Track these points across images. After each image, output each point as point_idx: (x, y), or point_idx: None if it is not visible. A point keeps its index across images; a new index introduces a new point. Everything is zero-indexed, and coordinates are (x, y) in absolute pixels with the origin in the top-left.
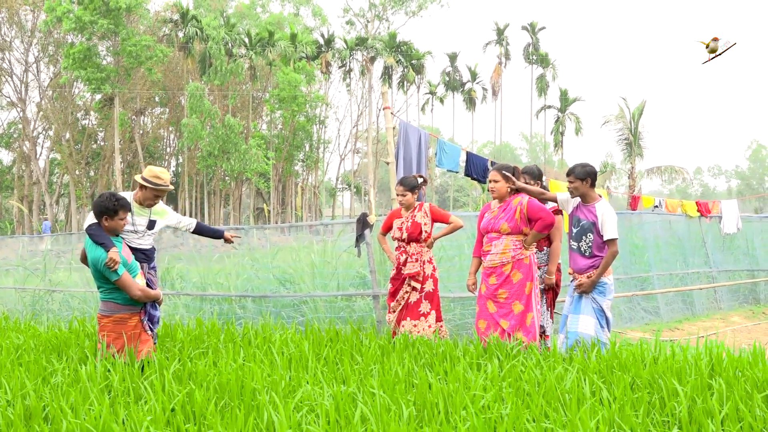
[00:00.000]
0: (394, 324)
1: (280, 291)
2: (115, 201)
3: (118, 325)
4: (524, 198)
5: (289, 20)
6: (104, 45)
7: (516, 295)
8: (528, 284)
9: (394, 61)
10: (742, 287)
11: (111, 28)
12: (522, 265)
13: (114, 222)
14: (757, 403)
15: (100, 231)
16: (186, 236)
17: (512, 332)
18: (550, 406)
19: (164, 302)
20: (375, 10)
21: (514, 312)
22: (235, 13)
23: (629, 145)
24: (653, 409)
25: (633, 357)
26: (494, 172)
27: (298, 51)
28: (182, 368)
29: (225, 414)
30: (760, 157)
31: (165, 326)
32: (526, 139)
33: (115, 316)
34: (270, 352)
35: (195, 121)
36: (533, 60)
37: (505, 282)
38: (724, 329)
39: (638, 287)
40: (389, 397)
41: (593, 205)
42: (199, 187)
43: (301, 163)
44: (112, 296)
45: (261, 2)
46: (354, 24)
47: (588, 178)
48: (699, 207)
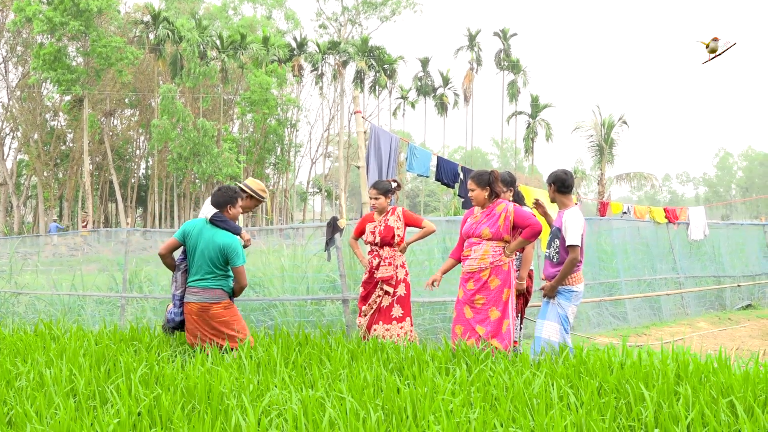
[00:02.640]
0: (365, 329)
1: (249, 295)
2: (233, 191)
3: (230, 309)
4: (510, 205)
5: (262, 23)
6: (74, 46)
7: (493, 301)
8: (506, 291)
9: (366, 66)
10: (708, 293)
11: (81, 29)
12: (500, 272)
13: (236, 209)
14: (723, 408)
15: (224, 218)
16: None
17: (488, 338)
18: (518, 411)
19: (131, 305)
20: (348, 14)
21: (490, 318)
22: (206, 15)
23: (600, 152)
24: (620, 414)
25: (600, 362)
26: (470, 181)
27: (270, 54)
28: (149, 372)
29: (192, 418)
30: (727, 165)
31: (132, 329)
32: (497, 144)
33: (223, 302)
34: (238, 356)
35: (165, 122)
36: (504, 66)
37: (482, 288)
38: (690, 335)
39: (606, 293)
40: (357, 401)
41: (563, 211)
42: (168, 190)
43: (272, 167)
44: (220, 283)
45: (233, 5)
46: (327, 28)
47: (553, 183)
48: (667, 213)
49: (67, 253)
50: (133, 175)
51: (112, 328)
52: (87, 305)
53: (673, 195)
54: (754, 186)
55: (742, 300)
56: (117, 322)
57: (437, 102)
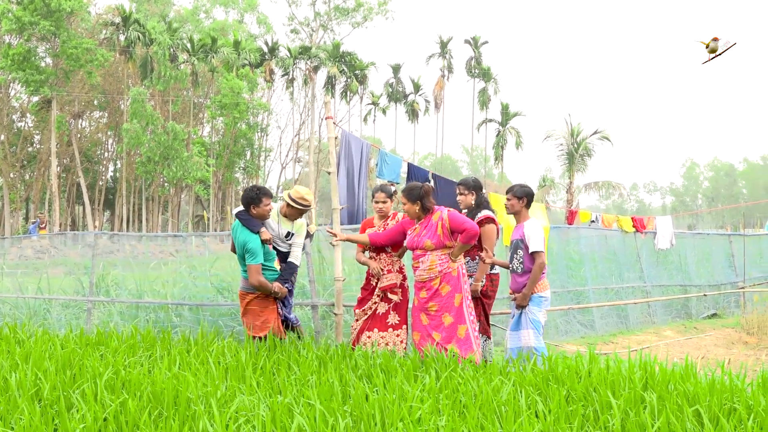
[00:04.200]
0: (355, 334)
1: (217, 299)
2: (257, 190)
3: (262, 301)
4: (444, 211)
5: (234, 27)
6: (44, 46)
7: (445, 307)
8: (457, 296)
9: (337, 71)
10: (674, 302)
11: (52, 29)
12: (450, 278)
13: (260, 208)
14: (688, 416)
15: (248, 217)
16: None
17: (445, 344)
18: (486, 419)
19: (98, 309)
20: (320, 19)
21: (444, 324)
22: (177, 18)
23: (570, 161)
24: (587, 422)
25: (568, 370)
26: (401, 195)
27: (241, 58)
28: (116, 377)
29: (159, 424)
30: (693, 174)
31: (98, 333)
32: (467, 151)
33: (257, 293)
34: (206, 362)
35: (136, 126)
36: (475, 73)
37: (434, 295)
38: (657, 343)
39: (574, 301)
40: (326, 408)
41: (522, 223)
42: (137, 193)
43: (241, 171)
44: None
45: (204, 8)
46: (299, 33)
47: (525, 197)
48: (634, 222)
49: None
50: (101, 178)
51: (78, 332)
52: (53, 309)
53: (640, 204)
54: (720, 196)
55: (707, 309)
56: (83, 326)
57: (408, 108)
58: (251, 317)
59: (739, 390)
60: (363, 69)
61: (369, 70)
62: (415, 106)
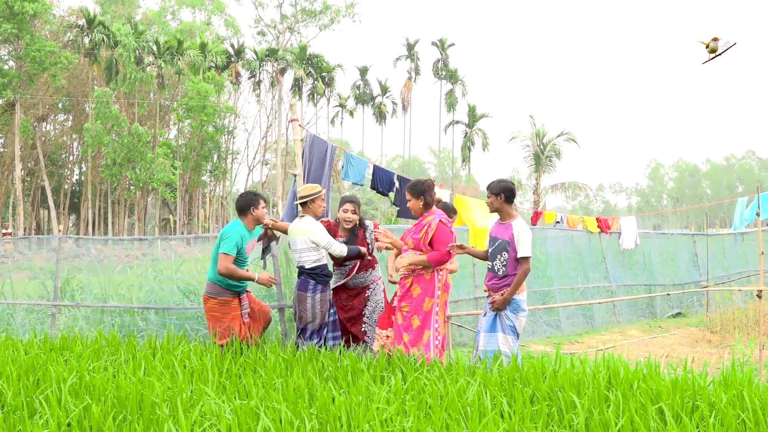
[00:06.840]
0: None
1: (184, 303)
2: (253, 194)
3: (223, 307)
4: (436, 220)
5: (201, 29)
6: (6, 49)
7: (415, 309)
8: (427, 300)
9: (304, 73)
10: (639, 301)
11: (14, 32)
12: (422, 280)
13: (259, 210)
14: (651, 414)
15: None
16: (87, 246)
17: (412, 346)
18: (451, 419)
19: (63, 314)
20: (287, 22)
21: (413, 326)
22: (143, 20)
23: (537, 162)
24: (552, 421)
25: (534, 370)
26: (406, 191)
27: (207, 60)
28: (79, 382)
29: (123, 428)
30: (658, 175)
31: (63, 338)
32: (434, 153)
33: (219, 298)
34: (172, 365)
35: (98, 126)
36: (442, 75)
37: (406, 295)
38: (622, 342)
39: (540, 301)
40: (292, 410)
41: (509, 223)
42: (102, 197)
43: (208, 174)
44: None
45: (171, 9)
46: (265, 35)
47: (502, 193)
48: (599, 223)
49: None
50: (66, 182)
51: (42, 337)
52: (17, 314)
53: (606, 205)
54: (685, 196)
55: (671, 308)
56: (48, 331)
57: (375, 111)
58: (213, 323)
59: (701, 388)
60: (330, 71)
61: (336, 73)
62: (383, 108)
